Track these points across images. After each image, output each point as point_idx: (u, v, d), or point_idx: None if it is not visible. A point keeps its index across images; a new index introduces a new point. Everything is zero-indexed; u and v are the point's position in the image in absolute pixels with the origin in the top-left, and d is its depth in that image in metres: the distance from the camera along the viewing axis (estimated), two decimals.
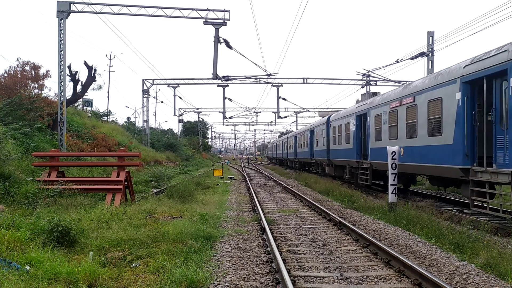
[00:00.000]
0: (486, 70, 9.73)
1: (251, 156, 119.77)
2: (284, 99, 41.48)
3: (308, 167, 33.99)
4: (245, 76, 33.06)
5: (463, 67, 10.72)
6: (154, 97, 59.41)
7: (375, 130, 17.23)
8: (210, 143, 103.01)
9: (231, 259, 6.91)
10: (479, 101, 10.37)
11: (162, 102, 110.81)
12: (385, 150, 13.18)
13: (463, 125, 10.55)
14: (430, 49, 24.04)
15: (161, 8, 20.67)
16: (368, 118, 18.18)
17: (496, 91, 9.64)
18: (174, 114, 49.61)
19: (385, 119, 16.12)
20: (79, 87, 22.84)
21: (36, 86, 24.59)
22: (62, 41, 18.59)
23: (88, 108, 39.77)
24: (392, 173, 12.00)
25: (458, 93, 10.83)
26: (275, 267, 6.47)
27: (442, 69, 12.31)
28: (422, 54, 24.33)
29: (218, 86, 38.95)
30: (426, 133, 12.70)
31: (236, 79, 32.82)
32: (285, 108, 54.52)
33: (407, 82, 19.08)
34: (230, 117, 55.68)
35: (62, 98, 18.82)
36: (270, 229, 9.27)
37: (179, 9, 20.78)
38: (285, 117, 55.91)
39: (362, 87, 35.24)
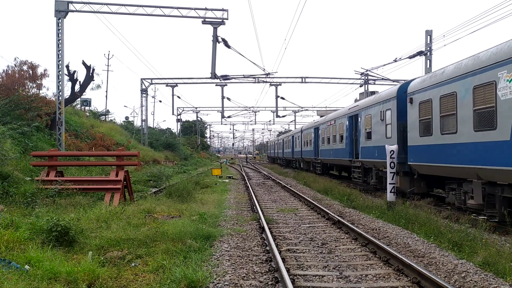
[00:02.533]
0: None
1: (250, 155, 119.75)
2: (282, 98, 41.53)
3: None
4: (243, 75, 33.05)
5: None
6: (153, 97, 59.46)
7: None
8: (208, 142, 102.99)
9: (231, 258, 6.92)
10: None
11: (160, 101, 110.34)
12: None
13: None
14: (428, 48, 24.07)
15: (160, 7, 20.64)
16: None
17: None
18: (173, 114, 49.80)
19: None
20: (77, 87, 22.79)
21: (34, 85, 24.57)
22: (60, 41, 18.54)
23: (87, 108, 39.71)
24: (390, 172, 12.03)
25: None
26: (274, 266, 6.48)
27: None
28: (420, 53, 24.37)
29: (216, 85, 38.97)
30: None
31: (234, 78, 32.82)
32: (284, 107, 54.60)
33: (405, 81, 19.01)
34: (229, 117, 55.74)
35: (60, 98, 18.77)
36: (269, 228, 9.28)
37: (178, 8, 20.75)
38: (283, 116, 56.02)
39: (360, 86, 35.27)
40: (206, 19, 21.06)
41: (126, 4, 20.23)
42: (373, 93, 21.25)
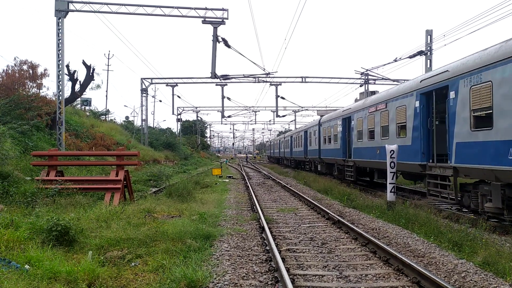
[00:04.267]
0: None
1: (250, 155, 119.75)
2: (282, 98, 41.54)
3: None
4: (243, 75, 33.04)
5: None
6: (153, 96, 59.43)
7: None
8: (208, 142, 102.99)
9: (230, 258, 6.92)
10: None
11: (160, 101, 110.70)
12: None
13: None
14: (429, 48, 24.06)
15: (160, 7, 20.64)
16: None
17: None
18: (173, 113, 49.78)
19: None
20: (77, 86, 22.79)
21: (34, 85, 24.56)
22: (60, 40, 18.54)
23: (87, 107, 39.76)
24: (390, 172, 12.03)
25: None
26: (274, 265, 6.48)
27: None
28: (420, 53, 24.36)
29: (216, 85, 38.99)
30: None
31: (234, 78, 32.83)
32: (284, 107, 54.61)
33: (405, 81, 18.96)
34: (229, 116, 55.77)
35: (60, 97, 18.78)
36: (269, 228, 9.28)
37: (178, 8, 20.74)
38: (283, 116, 56.01)
39: (360, 86, 35.29)
40: (206, 19, 21.06)
41: (126, 3, 20.23)
42: (373, 92, 20.97)
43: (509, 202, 9.18)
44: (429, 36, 24.04)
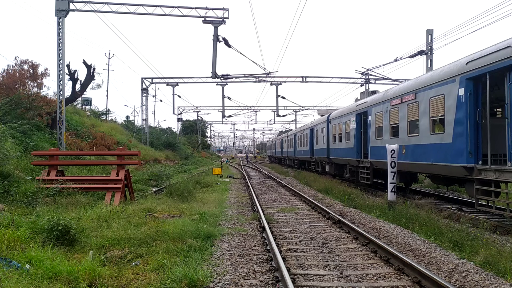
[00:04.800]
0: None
1: (251, 154, 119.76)
2: (283, 97, 41.54)
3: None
4: (244, 74, 33.04)
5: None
6: (153, 96, 59.49)
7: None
8: (209, 141, 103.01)
9: (231, 257, 6.93)
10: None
11: (161, 100, 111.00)
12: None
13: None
14: (429, 47, 24.05)
15: (160, 6, 20.65)
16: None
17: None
18: (173, 113, 49.75)
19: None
20: (78, 86, 22.82)
21: (35, 85, 24.59)
22: (61, 40, 18.55)
23: (87, 107, 39.77)
24: (391, 171, 12.02)
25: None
26: (274, 265, 6.48)
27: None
28: (421, 53, 24.34)
29: (217, 84, 39.01)
30: None
31: (235, 77, 32.83)
32: (284, 106, 54.74)
33: (405, 81, 18.79)
34: (229, 116, 55.75)
35: (61, 97, 18.79)
36: (270, 228, 9.28)
37: (178, 7, 20.74)
38: (284, 115, 56.02)
39: (361, 86, 35.26)
40: (207, 18, 21.06)
41: (126, 3, 20.23)
42: (374, 92, 20.71)
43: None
44: (429, 36, 24.02)
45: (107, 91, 52.68)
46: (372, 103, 17.56)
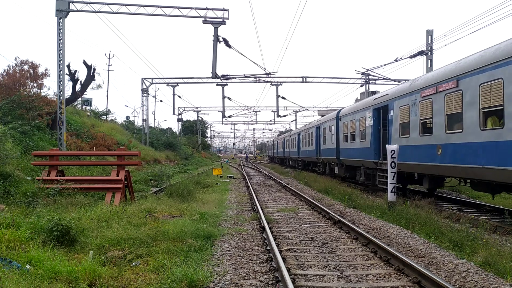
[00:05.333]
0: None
1: (251, 155, 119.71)
2: (283, 98, 41.56)
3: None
4: (244, 75, 33.05)
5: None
6: (153, 96, 59.40)
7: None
8: (209, 142, 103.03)
9: (231, 257, 6.93)
10: None
11: (161, 101, 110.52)
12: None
13: None
14: (429, 47, 24.06)
15: (160, 7, 20.66)
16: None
17: None
18: (173, 113, 49.78)
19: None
20: (78, 86, 22.82)
21: (35, 85, 24.55)
22: (61, 40, 18.57)
23: (87, 107, 39.78)
24: (391, 172, 12.02)
25: None
26: (274, 265, 6.48)
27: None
28: (421, 53, 24.35)
29: (217, 85, 39.04)
30: None
31: (235, 78, 32.84)
32: (284, 107, 54.66)
33: (405, 81, 18.68)
34: (230, 116, 55.79)
35: (61, 97, 18.80)
36: (270, 228, 9.29)
37: (178, 8, 20.75)
38: (284, 116, 56.04)
39: (361, 86, 35.29)
40: (207, 19, 21.06)
41: (127, 3, 20.24)
42: (374, 92, 20.63)
43: None
44: (429, 36, 24.03)
45: (107, 91, 52.89)
46: (394, 96, 15.22)
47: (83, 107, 39.05)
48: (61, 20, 18.68)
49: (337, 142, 22.95)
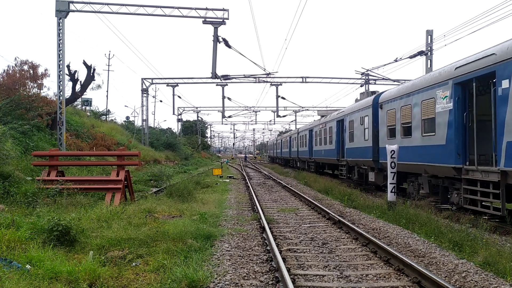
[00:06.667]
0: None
1: (250, 155, 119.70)
2: (283, 98, 41.58)
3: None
4: (244, 75, 33.07)
5: None
6: (153, 96, 59.40)
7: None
8: (209, 142, 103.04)
9: (231, 258, 6.93)
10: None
11: (161, 101, 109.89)
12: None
13: None
14: (429, 48, 24.07)
15: (160, 7, 20.66)
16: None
17: None
18: (173, 113, 49.76)
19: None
20: (78, 87, 22.84)
21: (35, 85, 24.55)
22: (61, 41, 18.57)
23: (87, 108, 39.79)
24: (391, 172, 12.02)
25: None
26: (275, 265, 6.49)
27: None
28: (421, 53, 24.37)
29: (217, 85, 39.04)
30: None
31: (235, 78, 32.86)
32: (284, 107, 54.67)
33: (405, 81, 18.68)
34: (229, 116, 55.82)
35: (61, 98, 18.81)
36: (270, 228, 9.29)
37: (178, 8, 20.76)
38: (284, 116, 56.09)
39: (361, 86, 35.31)
40: (207, 19, 21.07)
41: (126, 4, 20.25)
42: (374, 92, 20.72)
43: None
44: (429, 36, 24.05)
45: (107, 91, 52.81)
46: (503, 58, 9.02)
47: (83, 107, 39.07)
48: (61, 20, 18.69)
49: (373, 138, 17.47)
